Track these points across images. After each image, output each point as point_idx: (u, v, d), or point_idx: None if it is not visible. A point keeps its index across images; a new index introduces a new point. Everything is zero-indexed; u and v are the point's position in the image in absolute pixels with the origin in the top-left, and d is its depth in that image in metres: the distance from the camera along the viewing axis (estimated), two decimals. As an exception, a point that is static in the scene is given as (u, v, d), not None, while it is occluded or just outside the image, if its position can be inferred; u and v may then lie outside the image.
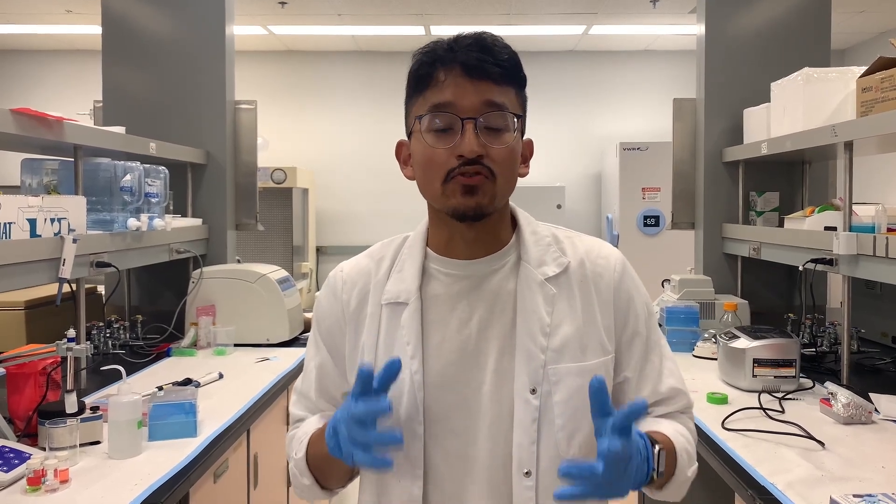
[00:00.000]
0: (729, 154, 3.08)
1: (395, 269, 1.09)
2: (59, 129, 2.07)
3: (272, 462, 2.37)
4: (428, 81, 1.00)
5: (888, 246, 1.89)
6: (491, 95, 0.98)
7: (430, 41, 1.03)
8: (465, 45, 0.98)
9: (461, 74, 0.98)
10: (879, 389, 2.08)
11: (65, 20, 5.55)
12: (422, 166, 1.02)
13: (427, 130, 1.00)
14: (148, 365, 2.54)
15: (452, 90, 0.98)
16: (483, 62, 0.98)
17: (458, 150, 0.97)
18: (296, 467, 1.08)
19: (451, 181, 0.98)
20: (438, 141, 0.99)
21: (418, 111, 1.01)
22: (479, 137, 0.97)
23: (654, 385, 1.08)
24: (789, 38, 3.11)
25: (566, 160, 6.62)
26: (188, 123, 3.17)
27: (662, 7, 5.23)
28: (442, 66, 0.99)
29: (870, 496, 1.24)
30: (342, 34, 6.02)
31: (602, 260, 1.08)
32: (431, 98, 0.99)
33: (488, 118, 0.98)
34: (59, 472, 1.46)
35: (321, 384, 1.13)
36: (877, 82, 2.05)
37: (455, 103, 0.98)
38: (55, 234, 2.01)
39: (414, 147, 1.04)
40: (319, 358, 1.13)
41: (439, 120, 0.99)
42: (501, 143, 0.99)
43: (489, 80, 0.98)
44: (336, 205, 6.59)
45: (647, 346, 1.09)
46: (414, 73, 1.02)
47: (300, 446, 1.08)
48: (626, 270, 1.09)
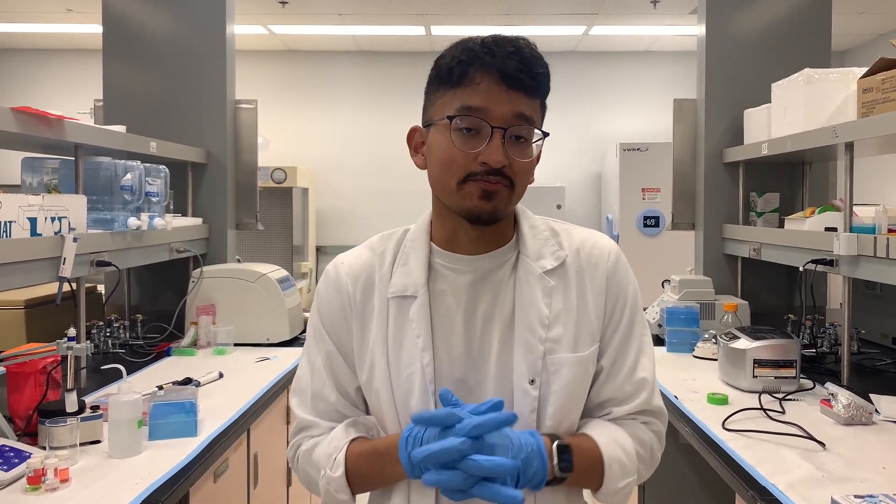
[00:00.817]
0: (729, 155, 3.08)
1: (398, 262, 1.09)
2: (60, 128, 2.06)
3: (272, 461, 2.37)
4: (462, 80, 0.99)
5: (889, 247, 1.89)
6: (522, 107, 0.99)
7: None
8: (505, 52, 0.98)
9: (498, 81, 0.98)
10: (880, 390, 2.08)
11: (65, 19, 5.55)
12: (440, 162, 1.02)
13: (454, 129, 0.99)
14: (148, 364, 2.54)
15: (486, 95, 0.98)
16: (521, 73, 0.98)
17: (483, 157, 0.97)
18: (331, 484, 1.03)
19: (469, 182, 0.99)
20: (464, 143, 0.99)
21: (445, 107, 1.00)
22: (504, 148, 0.98)
23: (624, 378, 1.07)
24: (790, 38, 3.11)
25: (566, 160, 6.62)
26: (189, 122, 3.16)
27: (663, 8, 5.23)
28: (479, 67, 0.98)
29: (871, 497, 1.24)
30: (343, 34, 6.02)
31: (597, 250, 1.09)
32: (464, 98, 0.99)
33: (516, 130, 0.99)
34: (59, 471, 1.46)
35: (335, 380, 1.09)
36: (878, 83, 2.05)
37: (487, 109, 0.98)
38: (55, 233, 2.01)
39: (433, 139, 1.03)
40: (326, 351, 1.10)
41: (469, 122, 0.98)
42: (525, 156, 1.00)
43: (523, 91, 0.99)
44: (336, 204, 6.59)
45: (628, 338, 1.08)
46: (446, 67, 1.01)
47: (335, 463, 1.03)
48: (619, 261, 1.10)
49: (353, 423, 1.09)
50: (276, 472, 2.43)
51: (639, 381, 1.08)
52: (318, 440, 1.09)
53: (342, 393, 1.10)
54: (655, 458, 1.10)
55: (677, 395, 2.14)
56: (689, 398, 2.12)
